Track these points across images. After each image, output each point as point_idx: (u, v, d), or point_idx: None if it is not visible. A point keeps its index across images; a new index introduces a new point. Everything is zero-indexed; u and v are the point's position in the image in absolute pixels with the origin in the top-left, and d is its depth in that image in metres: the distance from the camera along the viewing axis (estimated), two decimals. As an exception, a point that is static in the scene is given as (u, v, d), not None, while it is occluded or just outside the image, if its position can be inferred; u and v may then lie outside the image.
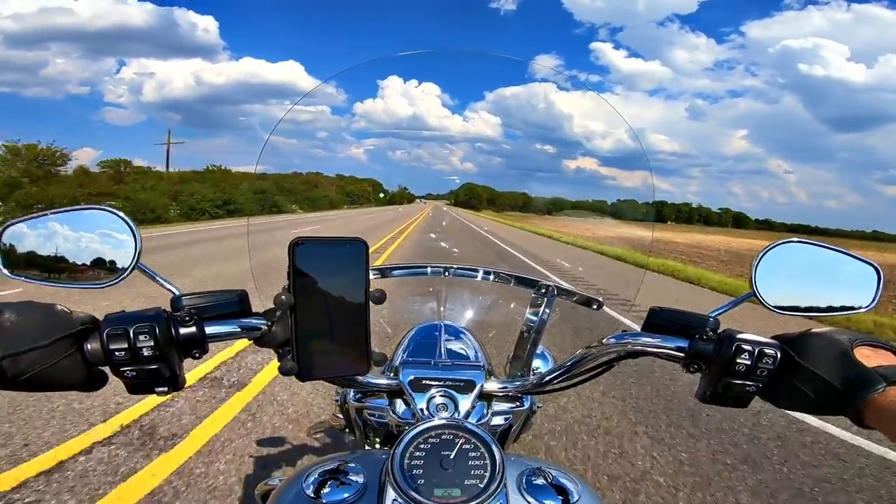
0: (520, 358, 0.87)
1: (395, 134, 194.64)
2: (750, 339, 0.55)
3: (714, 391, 0.56)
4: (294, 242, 0.49)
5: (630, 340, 0.61)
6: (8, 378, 0.44)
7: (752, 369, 0.54)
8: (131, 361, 0.48)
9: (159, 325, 0.48)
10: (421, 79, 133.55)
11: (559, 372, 0.70)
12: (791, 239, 0.61)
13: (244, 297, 0.55)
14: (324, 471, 0.58)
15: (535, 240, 5.65)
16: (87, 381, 0.49)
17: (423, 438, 0.56)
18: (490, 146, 2.46)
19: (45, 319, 0.46)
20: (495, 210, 2.38)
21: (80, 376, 0.48)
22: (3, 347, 0.43)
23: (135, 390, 0.50)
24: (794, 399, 0.54)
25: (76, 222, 0.52)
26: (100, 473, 2.02)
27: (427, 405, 0.70)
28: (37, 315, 0.46)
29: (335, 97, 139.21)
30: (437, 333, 0.95)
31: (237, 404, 2.76)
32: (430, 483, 0.52)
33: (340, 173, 42.86)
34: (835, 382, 0.50)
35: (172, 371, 0.50)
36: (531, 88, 13.50)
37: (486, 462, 0.54)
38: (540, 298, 0.86)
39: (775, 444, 2.71)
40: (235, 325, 0.54)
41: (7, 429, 2.33)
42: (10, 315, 0.44)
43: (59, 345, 0.46)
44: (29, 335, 0.44)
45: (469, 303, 1.11)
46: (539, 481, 0.58)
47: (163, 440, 2.31)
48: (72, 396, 2.61)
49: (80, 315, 0.49)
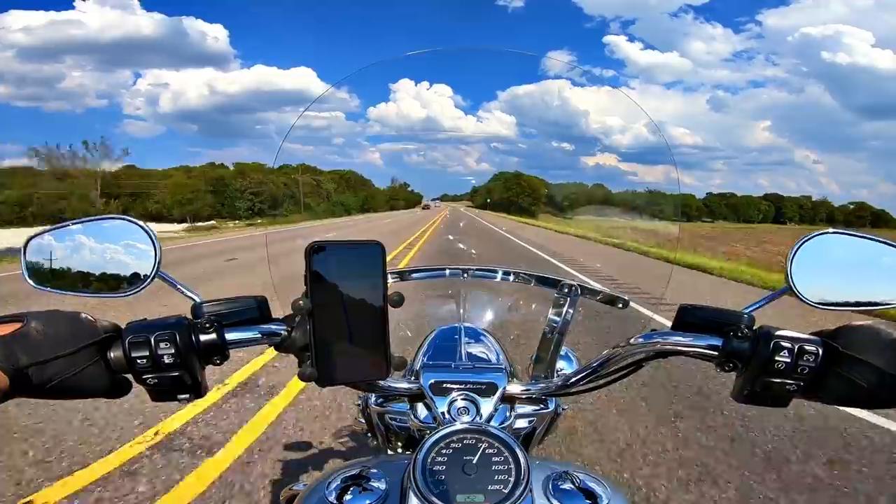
0: (543, 360, 0.85)
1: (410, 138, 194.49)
2: (789, 335, 0.52)
3: (752, 390, 0.54)
4: (310, 247, 0.48)
5: (659, 340, 0.59)
6: (34, 385, 0.44)
7: (793, 367, 0.51)
8: (153, 369, 0.48)
9: (180, 333, 0.48)
10: (432, 80, 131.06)
11: (585, 373, 0.68)
12: (827, 230, 0.58)
13: (264, 303, 0.55)
14: (346, 477, 0.58)
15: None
16: (112, 388, 0.49)
17: (444, 443, 0.55)
18: (506, 146, 2.33)
19: (70, 328, 0.46)
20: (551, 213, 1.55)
21: (105, 384, 0.48)
22: (29, 356, 0.43)
23: (157, 397, 0.50)
24: (845, 393, 0.51)
25: (98, 232, 0.53)
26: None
27: (448, 409, 0.68)
28: (62, 324, 0.46)
29: (348, 102, 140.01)
30: (457, 336, 0.94)
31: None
32: (452, 489, 0.51)
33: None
34: (889, 370, 0.48)
35: (194, 378, 0.50)
36: (545, 86, 13.03)
37: (511, 466, 0.53)
38: (563, 298, 0.84)
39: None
40: (256, 332, 0.53)
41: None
42: (37, 324, 0.45)
43: (83, 353, 0.46)
44: (54, 344, 0.45)
45: (489, 304, 1.09)
46: (566, 485, 0.56)
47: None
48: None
49: (104, 323, 0.49)
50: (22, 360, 0.43)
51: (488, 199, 1.34)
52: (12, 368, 0.42)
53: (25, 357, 0.43)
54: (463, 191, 1.64)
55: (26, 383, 0.44)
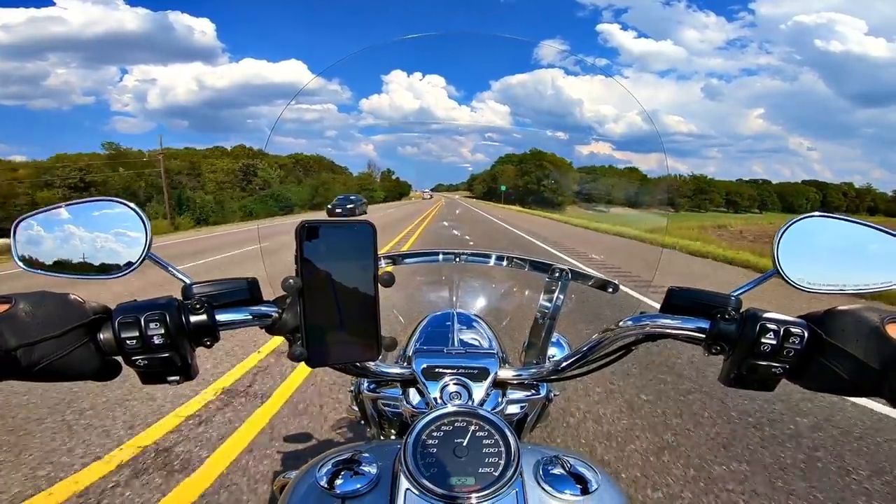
0: (535, 345, 0.86)
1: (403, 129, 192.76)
2: (775, 317, 0.53)
3: (738, 373, 0.54)
4: (301, 226, 0.48)
5: (648, 322, 0.59)
6: (22, 368, 0.44)
7: (778, 350, 0.52)
8: (142, 350, 0.48)
9: (170, 313, 0.48)
10: (425, 71, 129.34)
11: (575, 358, 0.68)
12: (813, 214, 0.58)
13: (255, 284, 0.55)
14: (337, 461, 0.58)
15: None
16: (101, 370, 0.49)
17: (435, 426, 0.55)
18: (500, 135, 2.25)
19: (59, 309, 0.46)
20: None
21: (94, 366, 0.48)
22: (17, 337, 0.43)
23: (147, 379, 0.50)
24: (825, 380, 0.51)
25: (88, 214, 0.53)
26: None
27: (440, 394, 0.69)
28: (50, 305, 0.46)
29: (340, 94, 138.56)
30: (449, 322, 0.94)
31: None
32: (443, 472, 0.51)
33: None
34: (868, 361, 0.48)
35: (184, 360, 0.50)
36: (538, 75, 12.67)
37: (501, 450, 0.53)
38: (554, 283, 0.85)
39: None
40: (246, 313, 0.53)
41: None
42: (25, 305, 0.44)
43: (72, 334, 0.46)
44: (43, 325, 0.44)
45: (482, 290, 1.10)
46: (556, 470, 0.57)
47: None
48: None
49: (93, 304, 0.49)
50: (10, 342, 0.42)
51: (502, 188, 1.08)
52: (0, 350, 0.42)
53: (13, 339, 0.43)
54: (459, 179, 1.52)
55: (14, 366, 0.43)
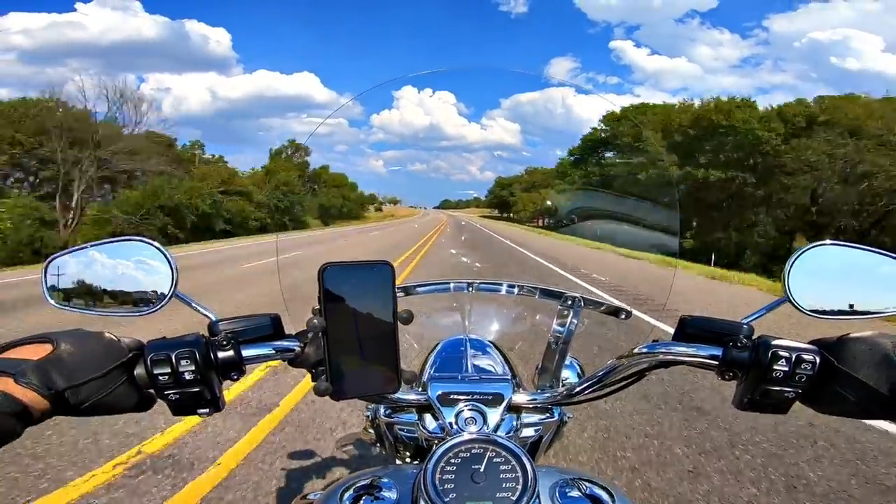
0: (547, 370, 0.87)
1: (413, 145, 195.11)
2: (787, 344, 0.54)
3: (752, 398, 0.55)
4: (323, 267, 0.50)
5: (662, 350, 0.60)
6: (71, 406, 0.46)
7: (790, 375, 0.53)
8: (174, 385, 0.50)
9: (199, 350, 0.50)
10: (435, 88, 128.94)
11: (590, 382, 0.69)
12: (824, 242, 0.59)
13: (277, 320, 0.57)
14: (359, 486, 0.59)
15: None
16: (138, 404, 0.51)
17: (453, 453, 0.56)
18: (510, 153, 2.26)
19: (98, 349, 0.48)
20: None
21: (133, 401, 0.50)
22: (65, 379, 0.45)
23: (178, 411, 0.52)
24: (837, 405, 0.53)
25: (115, 253, 0.55)
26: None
27: (456, 419, 0.70)
28: (89, 344, 0.48)
29: (351, 109, 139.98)
30: (462, 348, 0.95)
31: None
32: (461, 497, 0.52)
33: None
34: (878, 387, 0.49)
35: (213, 393, 0.52)
36: (548, 94, 12.81)
37: (518, 475, 0.54)
38: (566, 310, 0.86)
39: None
40: (270, 348, 0.55)
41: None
42: (66, 346, 0.47)
43: (112, 374, 0.48)
44: (86, 366, 0.46)
45: (493, 316, 1.10)
46: (573, 493, 0.58)
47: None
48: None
49: (127, 341, 0.51)
50: (58, 383, 0.45)
51: (551, 213, 1.15)
52: (50, 392, 0.44)
53: (62, 380, 0.45)
54: (467, 197, 1.44)
55: (64, 405, 0.46)
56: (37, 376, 0.44)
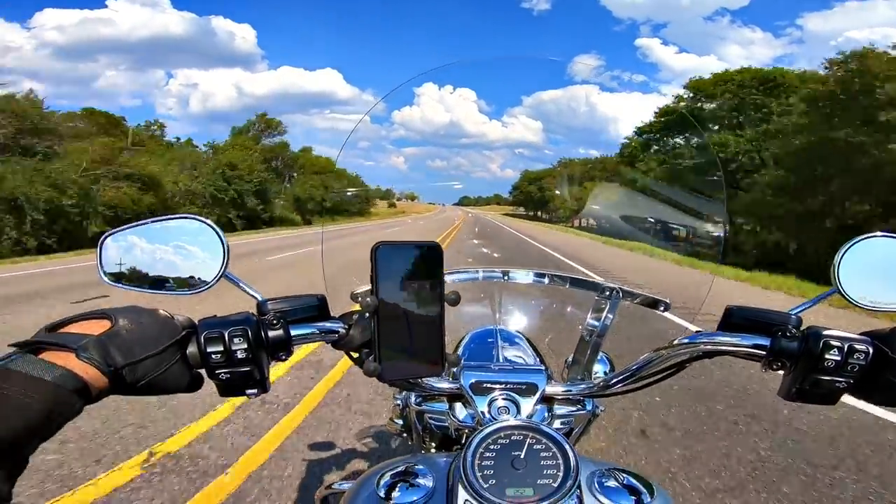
0: (579, 362, 0.86)
1: (434, 142, 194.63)
2: (838, 335, 0.53)
3: (800, 388, 0.55)
4: (376, 246, 0.50)
5: (705, 339, 0.60)
6: (127, 384, 0.45)
7: (842, 365, 0.52)
8: (226, 364, 0.50)
9: (251, 328, 0.50)
10: (456, 84, 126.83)
11: (626, 375, 0.69)
12: (875, 234, 0.59)
13: (323, 301, 0.58)
14: (394, 473, 0.59)
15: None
16: (189, 384, 0.51)
17: (492, 440, 0.56)
18: (532, 151, 2.22)
19: (154, 326, 0.48)
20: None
21: (185, 380, 0.50)
22: (123, 356, 0.44)
23: (226, 392, 0.52)
24: (889, 395, 0.52)
25: (169, 231, 0.55)
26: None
27: (489, 408, 0.70)
28: (145, 321, 0.48)
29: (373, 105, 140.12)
30: (492, 339, 0.95)
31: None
32: (501, 483, 0.52)
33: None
34: None
35: (262, 373, 0.52)
36: (571, 91, 11.65)
37: (559, 462, 0.54)
38: (603, 301, 0.85)
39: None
40: (316, 329, 0.56)
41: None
42: (124, 322, 0.46)
43: (168, 352, 0.47)
44: (142, 343, 0.46)
45: (524, 307, 1.10)
46: (611, 483, 0.57)
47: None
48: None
49: (180, 318, 0.51)
50: (118, 359, 0.44)
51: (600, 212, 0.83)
52: (109, 369, 0.44)
53: (120, 357, 0.44)
54: (487, 193, 1.30)
55: (121, 383, 0.45)
56: (98, 352, 0.43)
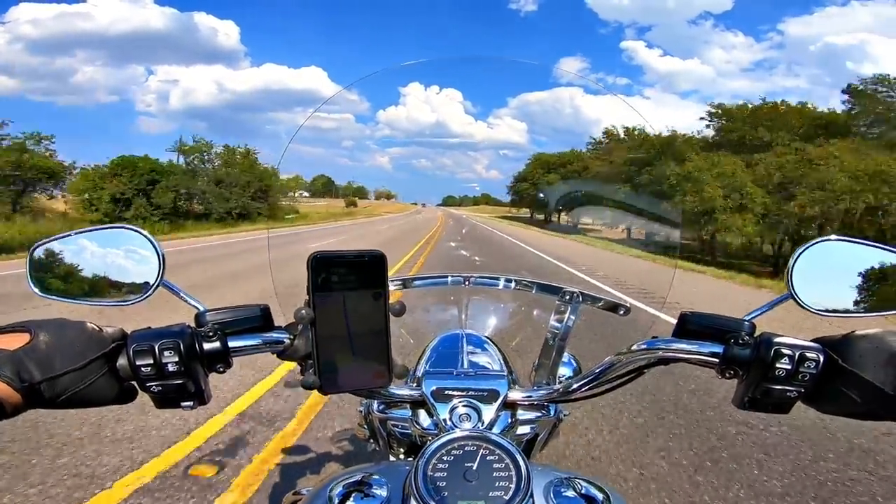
0: (545, 366, 0.86)
1: (419, 142, 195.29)
2: (789, 342, 0.52)
3: (752, 397, 0.54)
4: (312, 256, 0.48)
5: (662, 346, 0.59)
6: (46, 399, 0.44)
7: (793, 374, 0.51)
8: (157, 377, 0.48)
9: (183, 341, 0.49)
10: (442, 85, 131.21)
11: (587, 380, 0.68)
12: (829, 238, 0.58)
13: (266, 311, 0.56)
14: (348, 483, 0.58)
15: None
16: (119, 396, 0.49)
17: (445, 450, 0.55)
18: (515, 152, 2.24)
19: (78, 339, 0.46)
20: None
21: (113, 393, 0.48)
22: (41, 371, 0.43)
23: (162, 405, 0.51)
24: (841, 405, 0.51)
25: (102, 241, 0.53)
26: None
27: (450, 415, 0.69)
28: (69, 335, 0.46)
29: (358, 105, 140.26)
30: (458, 343, 0.94)
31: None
32: (453, 495, 0.51)
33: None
34: (884, 387, 0.48)
35: (198, 386, 0.50)
36: (556, 93, 12.12)
37: (512, 473, 0.53)
38: (564, 305, 0.85)
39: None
40: (258, 339, 0.54)
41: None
42: (45, 336, 0.45)
43: (92, 365, 0.46)
44: (64, 357, 0.45)
45: (491, 311, 1.10)
46: (568, 492, 0.56)
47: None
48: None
49: (109, 331, 0.49)
50: (34, 375, 0.43)
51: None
52: (24, 385, 0.42)
53: (37, 372, 0.43)
54: (472, 194, 1.40)
55: (38, 398, 0.44)
56: (10, 368, 0.42)
